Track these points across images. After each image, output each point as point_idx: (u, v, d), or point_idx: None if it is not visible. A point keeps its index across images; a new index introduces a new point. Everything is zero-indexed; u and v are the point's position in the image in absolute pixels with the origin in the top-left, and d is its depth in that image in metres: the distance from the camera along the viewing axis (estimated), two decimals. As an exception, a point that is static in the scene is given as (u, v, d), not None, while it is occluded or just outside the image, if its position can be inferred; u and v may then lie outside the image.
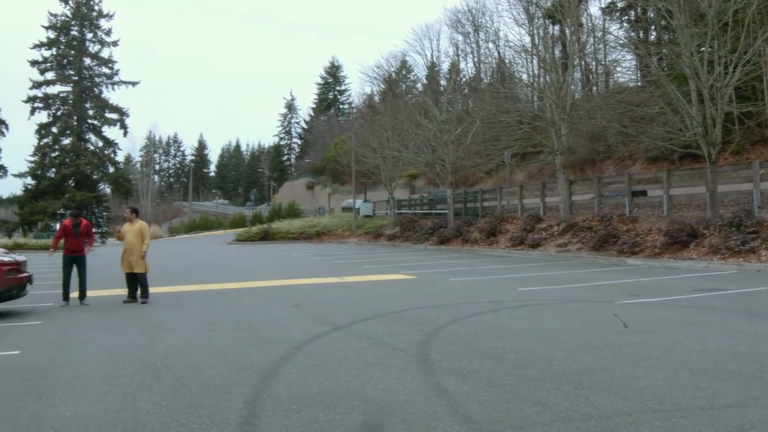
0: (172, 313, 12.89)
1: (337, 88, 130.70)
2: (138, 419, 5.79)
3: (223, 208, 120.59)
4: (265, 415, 5.78)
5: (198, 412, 5.91)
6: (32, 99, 78.68)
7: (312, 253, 33.45)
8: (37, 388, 7.08)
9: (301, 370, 7.42)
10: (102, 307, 14.09)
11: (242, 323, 11.24)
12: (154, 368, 7.80)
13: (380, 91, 78.26)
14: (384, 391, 6.44)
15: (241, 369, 7.58)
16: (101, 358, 8.59)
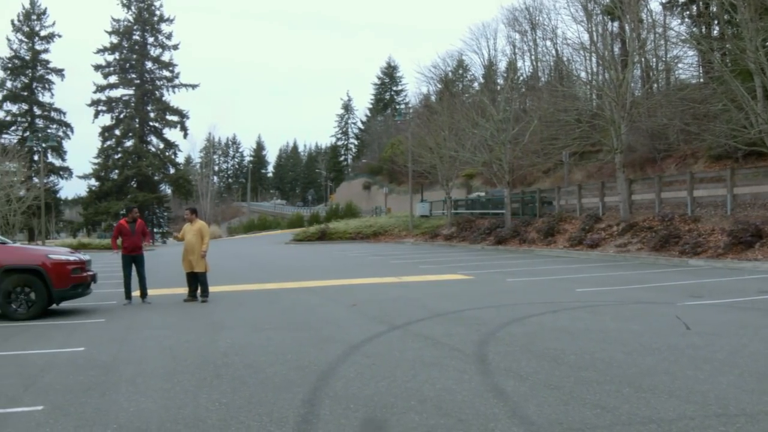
0: (232, 312, 13.08)
1: (394, 88, 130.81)
2: (198, 416, 5.90)
3: (281, 209, 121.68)
4: (323, 414, 5.83)
5: (257, 410, 5.99)
6: (96, 102, 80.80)
7: (369, 253, 33.55)
8: (101, 383, 7.26)
9: (358, 370, 7.46)
10: (163, 306, 14.38)
11: (300, 322, 11.35)
12: (214, 366, 7.93)
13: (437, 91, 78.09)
14: (441, 392, 6.44)
15: (299, 368, 7.65)
16: (163, 355, 8.77)
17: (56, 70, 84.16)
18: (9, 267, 12.77)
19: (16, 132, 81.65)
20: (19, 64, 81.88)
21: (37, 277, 12.81)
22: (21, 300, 12.76)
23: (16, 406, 6.44)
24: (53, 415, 6.08)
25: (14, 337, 10.72)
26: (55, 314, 13.28)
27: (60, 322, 12.24)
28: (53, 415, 6.08)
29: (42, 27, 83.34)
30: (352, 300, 14.11)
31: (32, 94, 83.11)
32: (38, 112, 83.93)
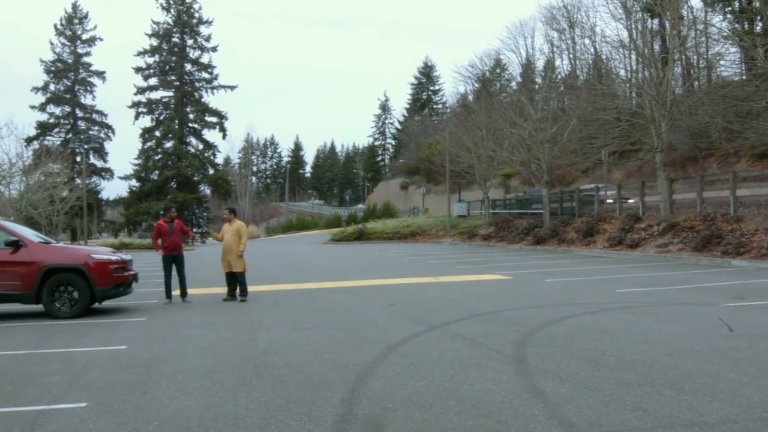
0: (270, 311, 13.16)
1: (431, 88, 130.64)
2: (238, 414, 5.95)
3: (319, 209, 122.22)
4: (361, 413, 5.85)
5: (296, 409, 6.02)
6: (136, 104, 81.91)
7: (406, 253, 33.55)
8: (142, 381, 7.35)
9: (397, 369, 7.47)
10: (203, 305, 14.52)
11: (338, 322, 11.38)
12: (253, 365, 7.98)
13: (474, 91, 77.83)
14: (480, 392, 6.42)
15: (337, 367, 7.68)
16: (202, 354, 8.86)
17: (98, 73, 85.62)
18: (53, 266, 13.00)
19: (59, 134, 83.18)
20: (61, 67, 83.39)
21: (79, 277, 13.02)
22: (64, 299, 13.00)
23: (60, 402, 6.56)
24: (96, 411, 6.18)
25: (58, 335, 10.91)
26: (97, 313, 13.49)
27: (102, 321, 12.43)
28: (96, 411, 6.18)
29: (84, 31, 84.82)
30: (390, 300, 14.11)
31: (74, 96, 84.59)
32: (80, 114, 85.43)
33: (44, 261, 13.01)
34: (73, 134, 76.18)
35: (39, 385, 7.29)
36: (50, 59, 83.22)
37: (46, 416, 6.10)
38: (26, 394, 6.93)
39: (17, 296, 13.02)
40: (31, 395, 6.89)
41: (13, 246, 13.00)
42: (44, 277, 12.91)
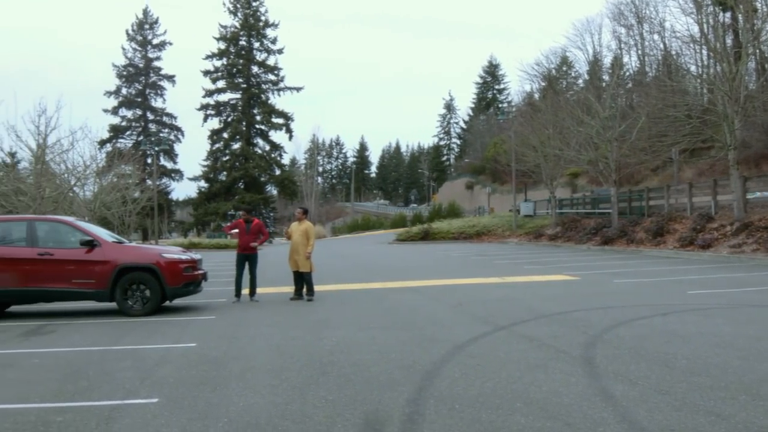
0: (337, 310, 13.25)
1: (496, 87, 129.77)
2: (305, 412, 6.00)
3: (384, 209, 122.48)
4: (428, 413, 5.84)
5: (362, 408, 6.05)
6: (205, 107, 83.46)
7: (472, 253, 33.39)
8: (212, 378, 7.48)
9: (463, 370, 7.44)
10: (270, 304, 14.70)
11: (404, 322, 11.40)
12: (320, 363, 8.05)
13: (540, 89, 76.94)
14: (548, 394, 6.35)
15: (404, 367, 7.69)
16: (270, 352, 8.97)
17: (167, 77, 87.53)
18: (126, 265, 13.34)
19: (130, 136, 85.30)
20: (133, 72, 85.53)
21: (151, 275, 13.33)
22: (136, 297, 13.31)
23: (133, 398, 6.72)
24: (168, 407, 6.31)
25: (131, 332, 11.18)
26: (168, 311, 13.78)
27: (173, 319, 12.69)
28: (168, 407, 6.31)
29: (154, 36, 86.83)
30: (456, 300, 14.07)
31: (145, 99, 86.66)
32: (151, 117, 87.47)
33: (118, 260, 13.35)
34: (144, 137, 77.93)
35: (113, 381, 7.49)
36: (122, 64, 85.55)
37: (119, 411, 6.27)
38: (101, 389, 7.13)
39: (92, 294, 13.41)
40: (105, 390, 7.09)
41: (88, 246, 13.38)
42: (118, 276, 13.25)
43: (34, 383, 7.53)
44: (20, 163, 34.33)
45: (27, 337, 11.04)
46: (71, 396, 6.90)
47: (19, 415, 6.23)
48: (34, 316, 13.92)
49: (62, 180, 32.83)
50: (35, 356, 9.23)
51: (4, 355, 9.42)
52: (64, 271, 13.31)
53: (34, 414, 6.25)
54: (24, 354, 9.46)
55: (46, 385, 7.43)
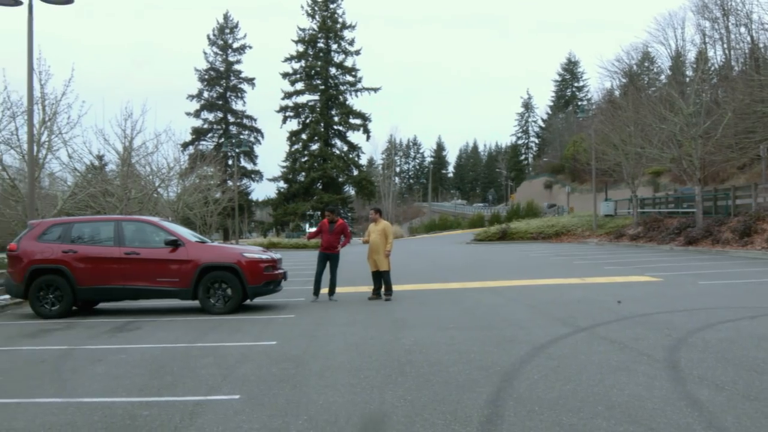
0: (415, 310, 13.26)
1: (575, 84, 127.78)
2: (384, 411, 6.03)
3: (461, 208, 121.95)
4: (507, 415, 5.79)
5: (441, 409, 6.04)
6: (284, 108, 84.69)
7: (551, 253, 32.96)
8: (292, 376, 7.58)
9: (543, 372, 7.35)
10: (349, 303, 14.80)
11: (483, 322, 11.33)
12: (399, 363, 8.06)
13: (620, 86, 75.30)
14: (630, 398, 6.21)
15: (482, 368, 7.64)
16: (349, 351, 9.04)
17: (247, 80, 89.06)
18: (208, 264, 13.64)
19: (212, 138, 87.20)
20: (214, 75, 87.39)
21: (233, 274, 13.59)
22: (218, 295, 13.60)
23: (215, 394, 6.87)
24: (249, 404, 6.43)
25: (213, 330, 11.42)
26: (248, 309, 14.03)
27: (253, 317, 12.91)
28: (249, 404, 6.43)
29: (234, 40, 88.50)
30: (539, 300, 13.90)
31: (226, 102, 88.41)
32: (232, 120, 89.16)
33: (200, 259, 13.67)
34: (225, 138, 79.62)
35: (196, 377, 7.66)
36: (204, 68, 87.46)
37: (202, 406, 6.41)
38: (185, 385, 7.31)
39: (176, 292, 13.76)
40: (189, 386, 7.26)
41: (172, 245, 13.75)
42: (200, 275, 13.57)
43: (121, 378, 7.77)
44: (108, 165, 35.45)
45: (114, 334, 11.41)
46: (156, 391, 7.09)
47: (107, 408, 6.44)
48: (121, 313, 14.39)
49: (147, 181, 33.75)
50: (122, 352, 9.53)
51: (94, 351, 9.76)
52: (149, 269, 13.72)
53: (121, 408, 6.45)
54: (112, 349, 9.78)
55: (132, 380, 7.66)
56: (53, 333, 11.60)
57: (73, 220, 15.56)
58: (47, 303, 13.75)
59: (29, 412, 6.40)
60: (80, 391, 7.21)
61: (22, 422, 6.08)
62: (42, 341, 10.82)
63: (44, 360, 9.10)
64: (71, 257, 13.81)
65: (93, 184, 28.47)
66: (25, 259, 14.00)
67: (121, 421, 5.99)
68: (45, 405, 6.68)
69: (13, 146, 22.64)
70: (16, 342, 10.84)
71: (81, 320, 13.20)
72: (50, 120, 23.01)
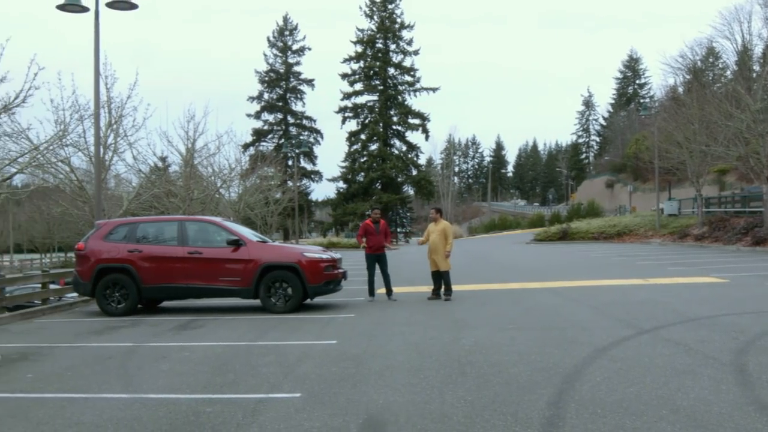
0: (475, 310, 13.20)
1: (637, 81, 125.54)
2: (444, 412, 6.01)
3: (521, 208, 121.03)
4: (568, 417, 5.73)
5: (501, 410, 6.00)
6: (343, 109, 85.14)
7: (612, 253, 32.46)
8: (352, 375, 7.62)
9: (605, 374, 7.24)
10: (408, 303, 14.81)
11: (543, 323, 11.22)
12: (459, 363, 8.04)
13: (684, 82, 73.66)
14: (695, 402, 6.08)
15: (543, 369, 7.57)
16: (408, 350, 9.04)
17: (307, 81, 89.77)
18: (269, 264, 13.79)
19: (272, 139, 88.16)
20: (274, 77, 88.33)
21: (293, 274, 13.72)
22: (279, 294, 13.75)
23: (277, 392, 6.95)
24: (310, 402, 6.49)
25: (274, 328, 11.55)
26: (309, 308, 14.14)
27: (313, 316, 13.02)
28: (310, 402, 6.49)
29: (294, 41, 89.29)
30: (595, 302, 13.71)
31: (286, 104, 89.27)
32: (291, 121, 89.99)
33: (262, 259, 13.83)
34: (285, 139, 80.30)
35: (257, 375, 7.76)
36: (264, 70, 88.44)
37: (264, 404, 6.49)
38: (246, 383, 7.41)
39: (237, 291, 13.97)
40: (250, 384, 7.36)
41: (234, 245, 13.95)
42: (262, 274, 13.73)
43: (185, 375, 7.92)
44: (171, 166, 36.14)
45: (178, 332, 11.64)
46: (219, 388, 7.21)
47: (171, 404, 6.57)
48: (184, 311, 14.66)
49: (209, 182, 34.29)
50: (186, 349, 9.70)
51: (158, 348, 9.96)
52: (212, 268, 13.94)
53: (185, 404, 6.58)
54: (176, 347, 9.97)
55: (195, 377, 7.80)
56: (119, 330, 11.88)
57: (138, 220, 15.94)
58: (113, 301, 14.08)
59: (97, 407, 6.57)
60: (145, 388, 7.37)
61: (90, 417, 6.24)
62: (109, 338, 11.09)
63: (111, 356, 9.33)
64: (136, 256, 14.12)
65: (157, 185, 29.03)
66: (92, 258, 14.36)
67: (185, 418, 6.10)
68: (112, 400, 6.86)
69: (81, 149, 23.20)
70: (84, 339, 11.13)
71: (146, 318, 13.49)
72: (116, 123, 23.54)
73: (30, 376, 8.19)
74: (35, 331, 12.50)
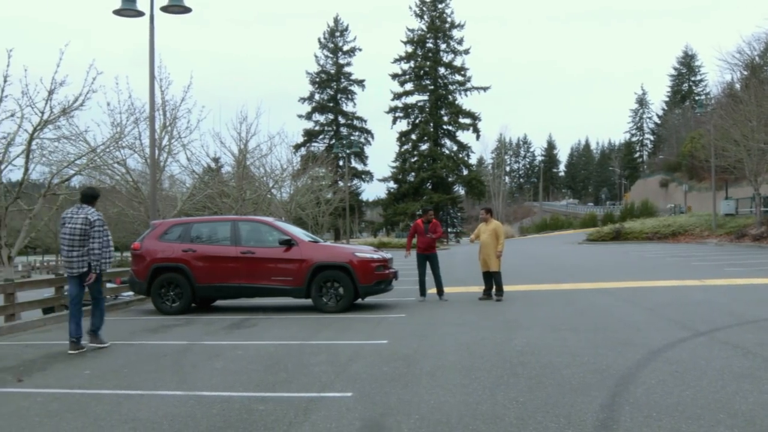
0: (526, 311, 13.10)
1: (692, 78, 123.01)
2: (496, 413, 5.98)
3: (573, 208, 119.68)
4: (623, 420, 5.65)
5: (554, 412, 5.95)
6: (393, 109, 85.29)
7: (667, 254, 31.91)
8: (403, 375, 7.63)
9: (660, 377, 7.12)
10: (459, 303, 14.76)
11: (596, 324, 11.08)
12: (510, 364, 7.99)
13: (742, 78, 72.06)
14: (755, 406, 5.94)
15: (596, 371, 7.48)
16: (460, 351, 9.01)
17: (357, 82, 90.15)
18: (321, 264, 13.88)
19: (323, 140, 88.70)
20: (325, 78, 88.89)
21: (345, 274, 13.78)
22: (331, 294, 13.82)
23: (328, 391, 6.98)
24: (361, 401, 6.50)
25: (325, 328, 11.62)
26: (360, 308, 14.19)
27: (364, 316, 13.06)
28: (361, 401, 6.50)
29: (345, 42, 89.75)
30: (649, 303, 13.50)
31: (337, 104, 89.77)
32: (342, 121, 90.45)
33: (313, 258, 13.93)
34: (336, 140, 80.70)
35: (309, 374, 7.81)
36: (315, 71, 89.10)
37: (316, 403, 6.53)
38: (298, 382, 7.46)
39: (290, 291, 14.09)
40: (302, 383, 7.41)
41: (286, 245, 14.07)
42: (313, 274, 13.82)
43: (238, 373, 8.01)
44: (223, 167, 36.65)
45: (231, 330, 11.78)
46: (272, 386, 7.28)
47: (225, 402, 6.66)
48: (237, 310, 14.83)
49: (261, 183, 34.66)
50: (239, 348, 9.81)
51: (212, 346, 10.10)
52: (264, 268, 14.08)
53: (238, 402, 6.65)
54: (229, 345, 10.09)
55: (248, 375, 7.89)
56: (174, 329, 12.08)
57: (192, 220, 16.18)
58: (168, 300, 14.32)
59: (152, 404, 6.69)
60: (200, 385, 7.48)
61: (145, 413, 6.35)
62: (163, 336, 11.28)
63: (166, 354, 9.49)
64: (190, 256, 14.33)
65: (210, 185, 29.44)
66: (147, 258, 14.62)
67: (238, 415, 6.17)
68: (167, 397, 6.97)
69: (137, 150, 23.67)
70: (140, 337, 11.33)
71: (199, 317, 13.69)
72: (170, 125, 23.96)
73: (87, 373, 8.38)
74: (93, 329, 12.77)
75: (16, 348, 10.55)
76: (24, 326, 12.79)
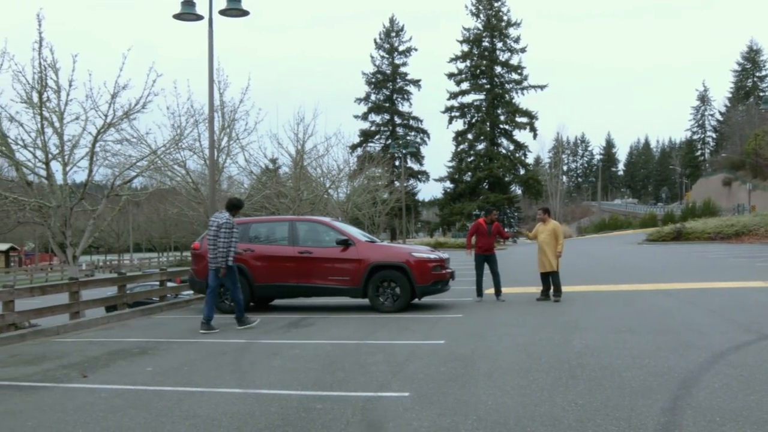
0: (585, 312, 12.94)
1: (756, 74, 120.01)
2: (554, 415, 5.92)
3: (632, 207, 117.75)
4: (685, 424, 5.54)
5: (614, 414, 5.86)
6: (449, 109, 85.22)
7: (730, 254, 31.17)
8: (460, 375, 7.61)
9: (723, 380, 6.96)
10: (516, 304, 14.66)
11: (657, 326, 10.89)
12: (569, 366, 7.90)
13: (810, 74, 70.09)
14: (824, 411, 5.78)
15: (658, 373, 7.34)
16: (517, 352, 8.94)
17: (413, 81, 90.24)
18: (378, 263, 13.92)
19: (379, 140, 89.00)
20: (381, 78, 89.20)
21: (401, 274, 13.79)
22: (387, 294, 13.85)
23: (385, 391, 7.00)
24: (418, 401, 6.50)
25: (382, 327, 11.65)
26: (417, 308, 14.18)
27: (421, 316, 13.05)
28: (418, 401, 6.50)
29: (400, 43, 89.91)
30: (711, 305, 13.20)
31: (393, 104, 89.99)
32: (398, 121, 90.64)
33: (370, 258, 13.97)
34: (392, 140, 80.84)
35: (366, 373, 7.85)
36: (371, 72, 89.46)
37: (373, 402, 6.55)
38: (356, 381, 7.50)
39: (347, 290, 14.16)
40: (360, 382, 7.45)
41: (343, 244, 14.15)
42: (370, 274, 13.87)
43: (295, 372, 8.09)
44: (281, 168, 37.00)
45: (289, 329, 11.90)
46: (329, 385, 7.33)
47: (283, 400, 6.73)
48: (295, 309, 14.98)
49: (318, 183, 34.91)
50: (296, 347, 9.90)
51: (270, 345, 10.22)
52: (321, 268, 14.19)
53: (296, 400, 6.72)
54: (286, 344, 10.19)
55: (306, 374, 7.96)
56: (232, 327, 12.23)
57: (251, 220, 16.37)
58: (227, 299, 14.47)
59: (212, 401, 6.80)
60: (258, 383, 7.57)
61: (205, 410, 6.46)
62: (222, 335, 11.44)
63: (225, 352, 9.64)
64: (249, 256, 14.50)
65: (268, 186, 29.77)
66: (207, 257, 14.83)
67: (296, 413, 6.23)
68: (226, 395, 7.07)
69: (196, 152, 24.08)
70: (200, 335, 11.52)
71: (257, 316, 13.83)
72: (229, 126, 24.31)
73: (149, 370, 8.55)
74: (154, 327, 13.04)
75: (80, 345, 10.84)
76: (88, 324, 13.15)
